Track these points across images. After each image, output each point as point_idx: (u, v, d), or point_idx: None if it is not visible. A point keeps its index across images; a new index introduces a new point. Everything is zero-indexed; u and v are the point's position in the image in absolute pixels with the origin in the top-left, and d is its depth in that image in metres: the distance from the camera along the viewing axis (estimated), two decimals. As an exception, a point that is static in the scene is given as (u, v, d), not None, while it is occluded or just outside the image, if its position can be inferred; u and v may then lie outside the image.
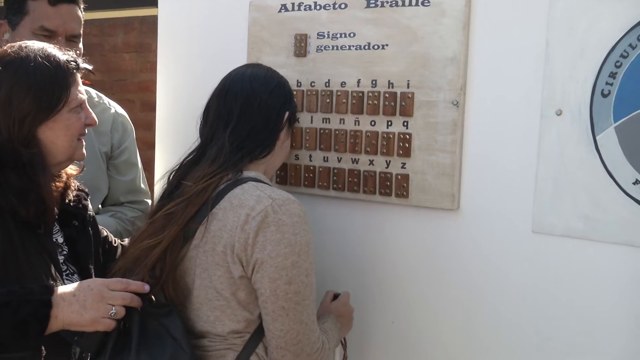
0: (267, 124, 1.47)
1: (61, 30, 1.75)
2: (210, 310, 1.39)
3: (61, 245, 1.47)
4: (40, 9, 1.73)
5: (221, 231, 1.37)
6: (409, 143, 1.67)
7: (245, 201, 1.36)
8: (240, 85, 1.47)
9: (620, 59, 1.43)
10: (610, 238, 1.46)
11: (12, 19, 1.77)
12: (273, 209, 1.34)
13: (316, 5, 1.77)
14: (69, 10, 1.77)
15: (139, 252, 1.42)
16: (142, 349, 1.32)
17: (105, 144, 1.90)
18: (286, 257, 1.34)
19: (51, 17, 1.74)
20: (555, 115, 1.51)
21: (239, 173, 1.42)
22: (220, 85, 1.50)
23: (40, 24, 1.73)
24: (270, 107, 1.47)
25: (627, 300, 1.46)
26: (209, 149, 1.45)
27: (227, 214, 1.37)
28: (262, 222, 1.33)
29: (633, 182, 1.43)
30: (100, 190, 1.89)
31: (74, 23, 1.78)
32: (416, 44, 1.64)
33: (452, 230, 1.65)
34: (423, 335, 1.71)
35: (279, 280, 1.34)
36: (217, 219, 1.37)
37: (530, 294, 1.57)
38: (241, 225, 1.34)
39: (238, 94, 1.46)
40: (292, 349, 1.36)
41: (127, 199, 1.92)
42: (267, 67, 1.57)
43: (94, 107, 1.90)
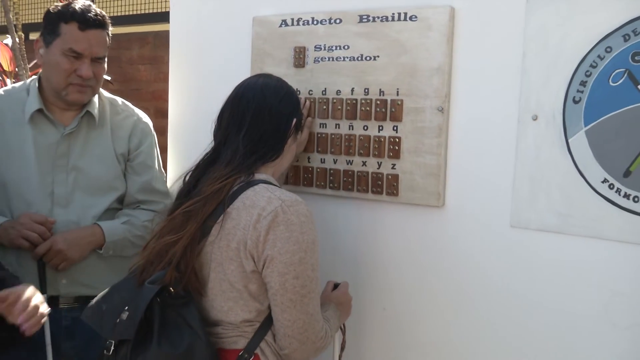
0: (277, 129, 1.46)
1: (87, 53, 1.75)
2: (224, 301, 1.39)
3: None
4: (71, 33, 1.73)
5: (235, 229, 1.36)
6: (399, 146, 1.67)
7: (257, 202, 1.35)
8: (253, 93, 1.46)
9: (590, 69, 1.43)
10: (581, 232, 1.46)
11: (47, 37, 1.77)
12: (282, 210, 1.34)
13: (314, 20, 1.77)
14: (97, 35, 1.77)
15: (160, 247, 1.41)
16: (163, 337, 1.32)
17: (122, 147, 1.89)
18: (294, 253, 1.33)
19: (80, 41, 1.74)
20: (531, 120, 1.51)
21: (251, 175, 1.42)
22: (234, 92, 1.49)
23: (69, 46, 1.73)
24: (280, 114, 1.46)
25: (595, 289, 1.46)
26: (224, 151, 1.44)
27: (241, 213, 1.36)
28: (273, 221, 1.33)
29: (602, 181, 1.43)
30: (115, 189, 1.87)
31: (100, 47, 1.78)
32: (405, 55, 1.64)
33: (438, 225, 1.65)
34: (412, 321, 1.71)
35: (287, 274, 1.33)
36: (231, 218, 1.37)
37: (508, 283, 1.56)
38: (253, 224, 1.34)
39: (250, 101, 1.45)
40: (299, 337, 1.36)
41: (142, 197, 1.90)
42: (277, 77, 1.55)
43: (118, 115, 1.91)
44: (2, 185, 1.79)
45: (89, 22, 1.74)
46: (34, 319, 1.32)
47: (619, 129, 1.40)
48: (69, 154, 1.82)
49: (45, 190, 1.79)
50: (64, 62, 1.74)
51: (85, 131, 1.84)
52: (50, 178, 1.80)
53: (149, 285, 1.36)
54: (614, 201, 1.42)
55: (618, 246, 1.42)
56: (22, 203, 1.78)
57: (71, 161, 1.82)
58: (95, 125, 1.85)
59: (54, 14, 1.76)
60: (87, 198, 1.83)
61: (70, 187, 1.81)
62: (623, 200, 1.41)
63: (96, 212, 1.83)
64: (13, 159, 1.79)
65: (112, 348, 1.36)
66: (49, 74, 1.79)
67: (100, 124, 1.86)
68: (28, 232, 1.70)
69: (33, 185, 1.79)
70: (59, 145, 1.81)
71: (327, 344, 1.43)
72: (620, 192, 1.41)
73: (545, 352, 1.53)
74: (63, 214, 1.79)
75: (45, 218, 1.73)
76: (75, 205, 1.81)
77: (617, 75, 1.40)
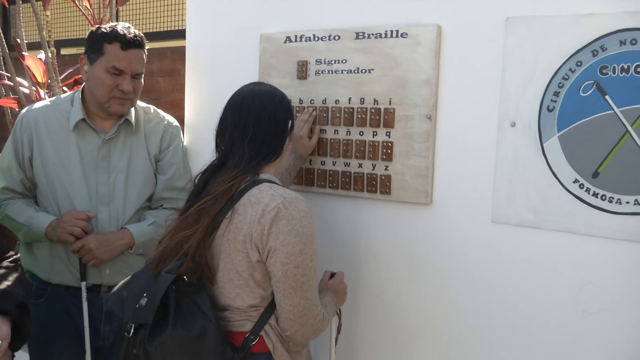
0: (276, 133, 1.45)
1: (128, 70, 1.76)
2: (232, 288, 1.38)
3: None
4: (114, 52, 1.74)
5: (242, 223, 1.36)
6: (391, 150, 1.67)
7: (261, 199, 1.35)
8: (251, 102, 1.44)
9: (563, 81, 1.44)
10: (555, 227, 1.47)
11: (91, 56, 1.78)
12: (284, 206, 1.33)
13: (315, 37, 1.78)
14: (136, 54, 1.78)
15: (175, 242, 1.40)
16: (178, 321, 1.31)
17: (155, 149, 1.90)
18: (295, 245, 1.33)
19: (121, 59, 1.75)
20: (510, 126, 1.51)
21: (256, 175, 1.41)
22: (234, 101, 1.47)
23: (112, 64, 1.74)
24: (278, 119, 1.45)
25: (567, 279, 1.46)
26: (230, 157, 1.43)
27: (247, 209, 1.36)
28: (276, 216, 1.32)
29: (573, 181, 1.44)
30: (148, 188, 1.88)
31: (139, 64, 1.79)
32: (396, 68, 1.65)
33: (426, 221, 1.65)
34: (403, 306, 1.71)
35: (288, 264, 1.33)
36: (238, 213, 1.36)
37: (488, 273, 1.57)
38: (258, 219, 1.33)
39: (251, 110, 1.43)
40: (299, 320, 1.36)
41: (165, 195, 1.90)
42: (268, 84, 1.54)
43: (150, 121, 1.93)
44: (51, 186, 1.81)
45: (130, 43, 1.75)
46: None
47: (589, 135, 1.41)
48: (110, 157, 1.84)
49: (89, 190, 1.81)
50: (107, 78, 1.75)
51: (124, 136, 1.86)
52: (93, 179, 1.81)
53: (165, 275, 1.36)
54: (584, 199, 1.43)
55: (588, 240, 1.43)
56: (68, 202, 1.80)
57: (112, 164, 1.83)
58: (132, 131, 1.87)
59: (98, 35, 1.77)
60: (126, 196, 1.84)
61: (112, 187, 1.82)
62: (592, 199, 1.42)
63: (133, 209, 1.85)
64: (60, 162, 1.81)
65: (132, 330, 1.36)
66: (93, 88, 1.79)
67: (136, 129, 1.87)
68: (72, 227, 1.72)
69: (78, 186, 1.80)
70: (100, 149, 1.82)
71: (325, 326, 1.43)
72: (590, 191, 1.42)
73: (521, 335, 1.53)
74: (105, 211, 1.81)
75: (86, 214, 1.75)
76: (115, 203, 1.83)
77: (586, 86, 1.41)
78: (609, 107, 1.38)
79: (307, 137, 1.75)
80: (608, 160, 1.39)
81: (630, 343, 1.40)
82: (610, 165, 1.39)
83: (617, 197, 1.39)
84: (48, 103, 1.90)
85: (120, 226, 1.83)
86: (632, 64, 1.36)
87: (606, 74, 1.38)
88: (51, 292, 1.83)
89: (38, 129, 1.83)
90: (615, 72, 1.38)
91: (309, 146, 1.76)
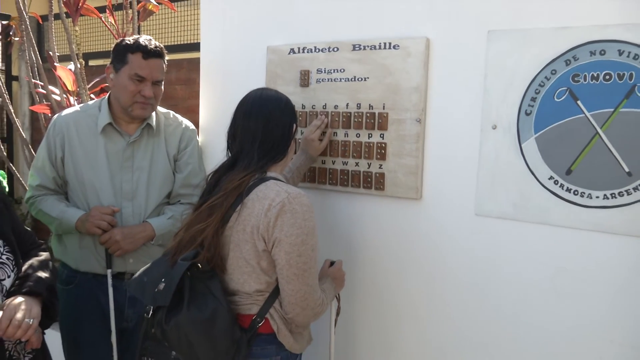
0: (282, 136, 1.44)
1: (149, 77, 1.77)
2: (240, 274, 1.38)
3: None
4: (136, 61, 1.75)
5: (250, 216, 1.36)
6: (385, 150, 1.67)
7: (268, 194, 1.35)
8: (259, 108, 1.43)
9: (539, 87, 1.44)
10: (532, 219, 1.47)
11: (116, 65, 1.79)
12: (288, 201, 1.33)
13: (316, 49, 1.78)
14: (156, 62, 1.78)
15: (190, 234, 1.40)
16: (192, 303, 1.32)
17: (174, 149, 1.91)
18: (297, 236, 1.33)
19: (143, 67, 1.75)
20: (492, 129, 1.51)
21: (264, 173, 1.41)
22: (243, 107, 1.45)
23: (135, 72, 1.75)
24: (284, 123, 1.45)
25: (543, 266, 1.47)
26: (241, 158, 1.42)
27: (255, 203, 1.36)
28: (280, 210, 1.32)
29: (548, 178, 1.44)
30: (167, 185, 1.89)
31: (159, 72, 1.80)
32: (389, 77, 1.65)
33: (416, 214, 1.66)
34: (395, 291, 1.71)
35: (292, 253, 1.33)
36: (246, 207, 1.36)
37: (472, 260, 1.57)
38: (265, 212, 1.33)
39: (259, 116, 1.42)
40: (301, 304, 1.36)
41: (182, 192, 1.90)
42: (274, 90, 1.51)
43: (170, 125, 1.93)
44: (81, 183, 1.82)
45: (151, 53, 1.76)
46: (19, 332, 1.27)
47: (563, 136, 1.41)
48: (133, 157, 1.84)
49: (115, 187, 1.81)
50: (130, 84, 1.75)
51: (146, 139, 1.86)
52: (118, 177, 1.82)
53: (181, 262, 1.36)
54: (559, 194, 1.43)
55: (561, 230, 1.43)
56: (95, 198, 1.80)
57: (135, 163, 1.84)
58: (153, 134, 1.87)
59: (122, 46, 1.77)
60: (148, 193, 1.84)
61: (135, 184, 1.83)
62: (566, 194, 1.42)
63: (154, 204, 1.85)
64: (89, 162, 1.81)
65: (150, 312, 1.37)
66: (117, 94, 1.79)
67: (157, 132, 1.88)
68: (99, 221, 1.73)
69: (105, 184, 1.81)
70: (125, 150, 1.83)
71: (324, 310, 1.43)
72: (564, 187, 1.42)
73: (501, 316, 1.53)
74: (129, 206, 1.82)
75: (112, 209, 1.76)
76: (138, 199, 1.83)
77: (560, 92, 1.41)
78: (580, 111, 1.39)
79: (318, 140, 1.74)
80: (580, 159, 1.39)
81: (599, 321, 1.41)
82: (582, 164, 1.39)
83: (588, 192, 1.39)
84: (78, 109, 1.91)
85: (142, 220, 1.83)
86: (601, 72, 1.36)
87: (578, 82, 1.39)
88: (80, 279, 1.84)
89: (69, 132, 1.84)
90: (586, 80, 1.38)
91: (319, 148, 1.75)
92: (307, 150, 1.75)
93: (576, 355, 1.44)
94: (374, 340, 1.77)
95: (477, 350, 1.58)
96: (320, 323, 1.72)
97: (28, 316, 1.30)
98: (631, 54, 1.32)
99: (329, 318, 1.66)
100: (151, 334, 1.36)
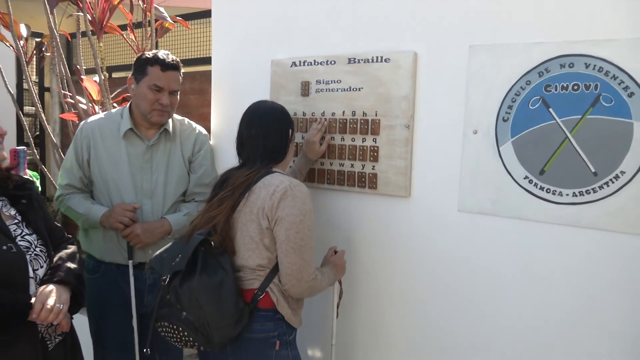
0: (281, 142, 1.49)
1: (166, 87, 1.77)
2: (245, 251, 1.42)
3: (14, 216, 1.40)
4: (155, 73, 1.76)
5: (256, 200, 1.40)
6: (377, 153, 1.68)
7: (273, 182, 1.40)
8: (259, 122, 1.48)
9: (515, 96, 1.44)
10: (509, 214, 1.48)
11: (137, 76, 1.80)
12: (290, 187, 1.38)
13: (315, 62, 1.79)
14: (173, 74, 1.79)
15: (204, 220, 1.45)
16: (203, 272, 1.36)
17: (188, 152, 1.91)
18: (296, 216, 1.37)
19: (161, 78, 1.76)
20: (473, 134, 1.52)
21: (269, 169, 1.46)
22: (245, 121, 1.51)
23: (154, 82, 1.76)
24: (282, 130, 1.49)
25: (518, 254, 1.47)
26: (247, 163, 1.48)
27: (261, 190, 1.41)
28: (283, 194, 1.37)
29: (524, 178, 1.45)
30: (183, 185, 1.89)
31: (175, 83, 1.80)
32: (381, 87, 1.65)
33: (405, 210, 1.66)
34: (386, 277, 1.72)
35: (290, 230, 1.37)
36: (254, 193, 1.41)
37: (455, 250, 1.58)
38: (270, 196, 1.38)
39: (260, 127, 1.47)
40: (296, 276, 1.38)
41: (196, 190, 1.91)
42: (270, 101, 1.57)
43: (185, 131, 1.93)
44: (105, 183, 1.82)
45: (168, 65, 1.76)
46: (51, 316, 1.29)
47: (536, 140, 1.41)
48: (152, 159, 1.84)
49: (136, 186, 1.81)
50: (149, 94, 1.76)
51: (163, 143, 1.86)
52: (139, 177, 1.82)
53: (196, 235, 1.40)
54: (533, 192, 1.43)
55: (535, 224, 1.44)
56: (118, 196, 1.81)
57: (154, 165, 1.84)
58: (170, 138, 1.87)
59: (143, 59, 1.78)
60: (165, 191, 1.85)
61: (154, 184, 1.83)
62: (539, 192, 1.42)
63: (170, 202, 1.85)
64: (112, 164, 1.82)
65: (167, 280, 1.40)
66: (138, 102, 1.80)
67: (173, 137, 1.88)
68: (122, 217, 1.74)
69: (126, 183, 1.81)
70: (145, 153, 1.83)
71: (317, 286, 1.44)
72: (537, 185, 1.43)
73: (479, 296, 1.54)
74: (148, 203, 1.82)
75: (133, 206, 1.77)
76: (157, 197, 1.83)
77: (534, 101, 1.41)
78: (552, 118, 1.39)
79: (319, 143, 1.75)
80: (552, 160, 1.40)
81: (565, 302, 1.41)
82: (554, 165, 1.40)
83: (559, 190, 1.40)
84: (102, 116, 1.92)
85: (160, 216, 1.84)
86: (569, 83, 1.37)
87: (550, 91, 1.39)
88: (104, 269, 1.85)
89: (94, 137, 1.84)
90: (557, 90, 1.38)
91: (319, 152, 1.76)
92: (308, 153, 1.76)
93: (546, 334, 1.44)
94: (368, 320, 1.77)
95: (457, 323, 1.59)
96: (326, 305, 1.73)
97: (58, 302, 1.31)
98: (596, 66, 1.33)
99: (332, 300, 1.67)
100: (166, 300, 1.38)
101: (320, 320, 1.79)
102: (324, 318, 1.78)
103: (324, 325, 1.78)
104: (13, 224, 1.39)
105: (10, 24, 2.62)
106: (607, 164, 1.32)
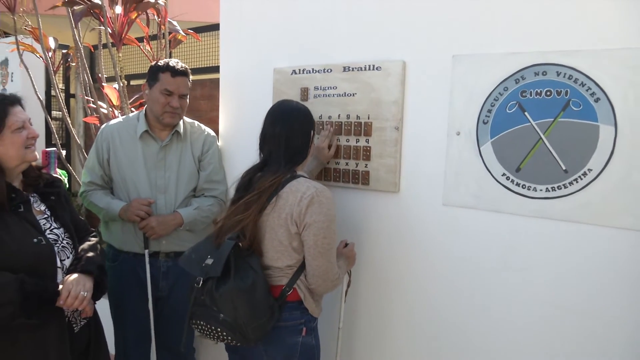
0: (304, 142, 1.43)
1: (176, 91, 1.77)
2: (274, 253, 1.38)
3: (44, 212, 1.39)
4: (166, 79, 1.76)
5: (284, 205, 1.35)
6: (370, 152, 1.67)
7: (299, 188, 1.35)
8: (282, 121, 1.41)
9: (494, 101, 1.44)
10: (488, 208, 1.48)
11: (150, 82, 1.79)
12: (317, 194, 1.34)
13: (313, 70, 1.78)
14: (182, 80, 1.78)
15: (231, 223, 1.39)
16: (237, 275, 1.31)
17: (198, 151, 1.90)
18: (323, 222, 1.33)
19: (171, 83, 1.76)
20: (456, 135, 1.51)
21: (294, 173, 1.41)
22: (269, 119, 1.44)
23: (165, 87, 1.75)
24: (305, 131, 1.43)
25: (496, 246, 1.47)
26: (270, 162, 1.42)
27: (289, 196, 1.35)
28: (310, 201, 1.33)
29: (502, 175, 1.45)
30: (193, 182, 1.88)
31: (184, 88, 1.80)
32: (373, 92, 1.65)
33: (395, 205, 1.66)
34: (382, 266, 1.72)
35: (318, 235, 1.33)
36: (281, 199, 1.36)
37: (439, 242, 1.58)
38: (297, 202, 1.34)
39: (284, 127, 1.40)
40: (322, 277, 1.36)
41: (205, 186, 1.90)
42: (295, 101, 1.49)
43: (194, 132, 1.92)
44: (123, 180, 1.82)
45: (177, 72, 1.76)
46: (76, 302, 1.29)
47: (513, 141, 1.41)
48: (165, 158, 1.84)
49: (150, 183, 1.81)
50: (161, 98, 1.76)
51: (175, 143, 1.86)
52: (153, 175, 1.82)
53: (228, 240, 1.34)
54: (510, 188, 1.43)
55: (512, 217, 1.44)
56: (135, 191, 1.81)
57: (167, 163, 1.84)
58: (181, 139, 1.86)
59: (155, 67, 1.79)
60: (177, 187, 1.84)
61: (167, 181, 1.82)
62: (516, 187, 1.42)
63: (182, 197, 1.84)
64: (129, 163, 1.82)
65: (200, 282, 1.35)
66: (151, 106, 1.80)
67: (184, 138, 1.87)
68: (138, 211, 1.74)
69: (142, 180, 1.81)
70: (158, 153, 1.83)
71: (339, 283, 1.42)
72: (514, 182, 1.42)
73: (461, 286, 1.54)
74: (162, 198, 1.82)
75: (148, 201, 1.76)
76: (170, 193, 1.83)
77: (511, 105, 1.41)
78: (527, 120, 1.39)
79: (327, 148, 1.72)
80: (527, 159, 1.40)
81: (541, 291, 1.41)
82: (529, 163, 1.39)
83: (534, 186, 1.39)
84: (121, 120, 1.92)
85: (173, 210, 1.83)
86: (543, 89, 1.36)
87: (525, 97, 1.39)
88: (123, 258, 1.85)
89: (113, 138, 1.84)
90: (532, 95, 1.38)
91: (329, 156, 1.73)
92: (318, 156, 1.74)
93: (522, 314, 1.44)
94: (369, 305, 1.77)
95: (440, 308, 1.59)
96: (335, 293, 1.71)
97: (83, 290, 1.31)
98: (567, 74, 1.33)
99: (341, 289, 1.67)
100: (200, 300, 1.34)
101: (328, 305, 1.78)
102: (332, 303, 1.78)
103: (331, 310, 1.78)
104: (43, 218, 1.39)
105: (40, 37, 2.63)
106: (576, 162, 1.32)
